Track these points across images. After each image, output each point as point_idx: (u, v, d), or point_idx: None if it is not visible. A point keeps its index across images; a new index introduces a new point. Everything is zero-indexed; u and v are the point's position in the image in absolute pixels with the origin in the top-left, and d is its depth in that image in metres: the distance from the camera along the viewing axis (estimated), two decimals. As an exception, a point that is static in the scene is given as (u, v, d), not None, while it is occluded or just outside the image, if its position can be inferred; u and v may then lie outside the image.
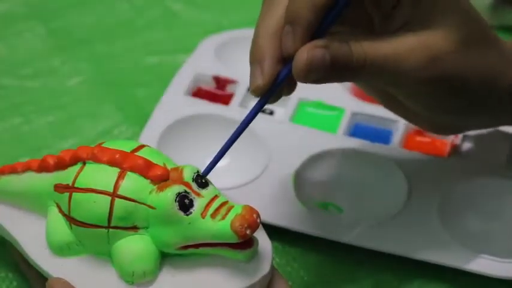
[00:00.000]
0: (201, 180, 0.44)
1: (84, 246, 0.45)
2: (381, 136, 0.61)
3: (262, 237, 0.45)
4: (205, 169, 0.45)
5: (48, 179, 0.47)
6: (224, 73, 0.65)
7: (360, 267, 0.54)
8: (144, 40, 0.73)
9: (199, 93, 0.65)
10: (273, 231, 0.55)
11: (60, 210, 0.45)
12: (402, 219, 0.55)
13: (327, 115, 0.62)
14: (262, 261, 0.44)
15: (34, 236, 0.47)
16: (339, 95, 0.64)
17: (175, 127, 0.60)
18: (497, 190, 0.56)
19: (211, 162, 0.45)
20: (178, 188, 0.42)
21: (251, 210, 0.42)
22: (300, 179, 0.57)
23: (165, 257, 0.44)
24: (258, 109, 0.46)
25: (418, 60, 0.45)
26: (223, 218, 0.42)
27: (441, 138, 0.60)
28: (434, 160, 0.58)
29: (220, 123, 0.61)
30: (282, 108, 0.63)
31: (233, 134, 0.46)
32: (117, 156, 0.44)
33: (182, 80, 0.64)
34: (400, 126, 0.61)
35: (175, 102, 0.63)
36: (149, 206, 0.43)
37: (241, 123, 0.46)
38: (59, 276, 0.45)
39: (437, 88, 0.46)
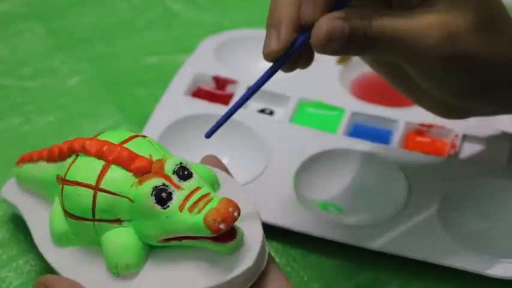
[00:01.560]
0: (183, 172, 0.43)
1: (79, 236, 0.46)
2: (381, 136, 0.61)
3: (254, 229, 0.44)
4: (209, 131, 0.45)
5: (53, 169, 0.48)
6: (224, 73, 0.65)
7: (360, 268, 0.54)
8: (144, 40, 0.73)
9: (199, 93, 0.65)
10: (273, 232, 0.55)
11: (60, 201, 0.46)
12: (402, 220, 0.55)
13: (327, 115, 0.62)
14: (247, 254, 0.43)
15: (43, 224, 0.48)
16: (339, 95, 0.64)
17: (175, 127, 0.61)
18: (497, 190, 0.56)
19: (215, 125, 0.45)
20: (156, 182, 0.42)
21: (227, 203, 0.42)
22: (300, 179, 0.57)
23: (151, 250, 0.44)
24: (269, 75, 0.45)
25: (437, 37, 0.45)
26: (199, 211, 0.42)
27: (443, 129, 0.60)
28: (434, 160, 0.58)
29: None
30: (282, 108, 0.63)
31: (240, 98, 0.45)
32: (104, 148, 0.44)
33: (182, 80, 0.65)
34: (400, 126, 0.61)
35: (175, 103, 0.63)
36: (129, 199, 0.43)
37: (250, 88, 0.46)
38: (57, 265, 0.46)
39: (453, 66, 0.46)
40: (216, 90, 0.65)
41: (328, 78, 0.65)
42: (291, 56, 0.44)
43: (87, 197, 0.44)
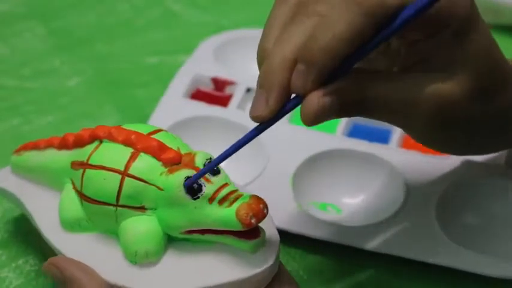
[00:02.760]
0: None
1: (93, 223, 0.46)
2: (380, 136, 0.61)
3: (271, 230, 0.45)
4: (188, 181, 0.43)
5: (66, 156, 0.48)
6: (223, 74, 0.65)
7: (359, 268, 0.54)
8: (144, 40, 0.73)
9: (197, 95, 0.65)
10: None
11: (74, 187, 0.46)
12: (401, 220, 0.55)
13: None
14: (267, 253, 0.44)
15: (48, 211, 0.48)
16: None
17: (174, 129, 0.60)
18: (496, 190, 0.56)
19: (194, 176, 0.43)
20: (187, 172, 0.43)
21: (258, 199, 0.42)
22: (298, 179, 0.57)
23: (170, 241, 0.45)
24: (252, 136, 0.43)
25: (429, 107, 0.43)
26: (230, 205, 0.42)
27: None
28: (433, 160, 0.58)
29: (218, 125, 0.61)
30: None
31: (222, 154, 0.44)
32: (132, 137, 0.44)
33: (181, 82, 0.65)
34: (399, 126, 0.61)
35: (174, 104, 0.63)
36: (158, 188, 0.43)
37: (232, 146, 0.44)
38: (67, 251, 0.46)
39: (444, 131, 0.46)
40: (214, 92, 0.65)
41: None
42: (277, 119, 0.43)
43: (113, 182, 0.44)
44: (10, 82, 0.69)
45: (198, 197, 0.42)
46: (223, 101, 0.64)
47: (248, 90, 0.64)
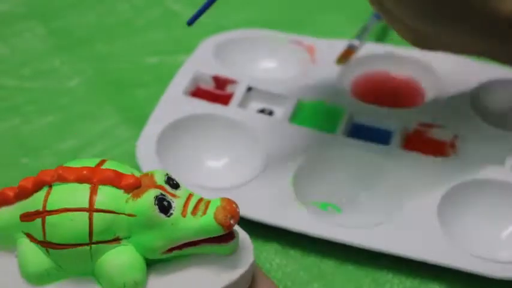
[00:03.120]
0: (173, 182, 0.43)
1: (64, 270, 0.44)
2: (380, 136, 0.61)
3: (238, 230, 0.45)
4: (191, 18, 0.43)
5: (11, 212, 0.45)
6: (224, 73, 0.65)
7: (359, 268, 0.54)
8: (144, 40, 0.73)
9: (198, 93, 0.65)
10: (273, 232, 0.55)
11: (32, 239, 0.44)
12: (401, 220, 0.55)
13: (327, 115, 0.62)
14: (245, 251, 0.44)
15: (6, 273, 0.46)
16: (339, 95, 0.64)
17: (175, 127, 0.60)
18: (496, 191, 0.56)
19: (198, 11, 0.43)
20: (154, 192, 0.42)
21: (230, 201, 0.42)
22: (299, 179, 0.57)
23: (148, 266, 0.44)
24: None
25: None
26: (204, 213, 0.42)
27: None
28: (433, 160, 0.58)
29: (219, 124, 0.61)
30: (281, 109, 0.63)
31: None
32: (84, 172, 0.43)
33: (182, 80, 0.65)
34: (399, 126, 0.61)
35: (174, 102, 0.63)
36: (129, 215, 0.42)
37: None
38: None
39: None
40: (215, 90, 0.65)
41: (327, 78, 0.65)
42: None
43: (81, 221, 0.42)
44: (10, 82, 0.69)
45: (172, 214, 0.42)
46: (224, 99, 0.64)
47: (249, 89, 0.64)
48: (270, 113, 0.64)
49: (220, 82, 0.65)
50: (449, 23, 0.50)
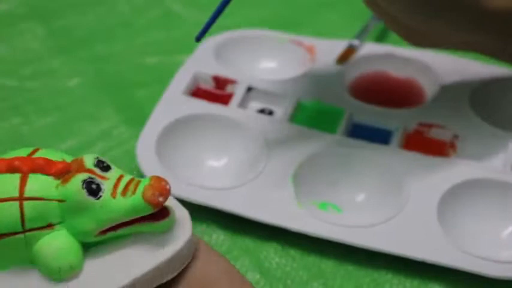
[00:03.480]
0: (103, 164, 0.44)
1: (3, 260, 0.44)
2: (380, 136, 0.61)
3: (177, 208, 0.45)
4: (199, 33, 0.44)
5: None
6: (224, 73, 0.65)
7: (359, 267, 0.54)
8: (143, 40, 0.73)
9: (198, 93, 0.65)
10: (273, 232, 0.55)
11: None
12: (401, 220, 0.54)
13: (327, 115, 0.62)
14: (183, 227, 0.44)
15: None
16: (339, 95, 0.64)
17: (175, 127, 0.60)
18: (496, 191, 0.56)
19: (205, 26, 0.44)
20: (82, 176, 0.43)
21: (159, 178, 0.43)
22: (299, 179, 0.57)
23: (85, 249, 0.44)
24: None
25: None
26: (133, 193, 0.42)
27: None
28: (433, 160, 0.58)
29: (219, 123, 0.61)
30: (281, 109, 0.63)
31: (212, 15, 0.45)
32: (15, 163, 0.44)
33: (181, 80, 0.65)
34: (399, 126, 0.61)
35: (174, 102, 0.63)
36: (59, 200, 0.43)
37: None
38: None
39: None
40: (215, 90, 0.65)
41: (327, 78, 0.65)
42: None
43: (12, 210, 0.43)
44: (10, 82, 0.69)
45: (101, 196, 0.43)
46: (224, 99, 0.64)
47: (249, 89, 0.64)
48: (270, 113, 0.64)
49: (220, 82, 0.65)
50: (441, 17, 0.51)
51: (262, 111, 0.64)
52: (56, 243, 0.43)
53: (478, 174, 0.57)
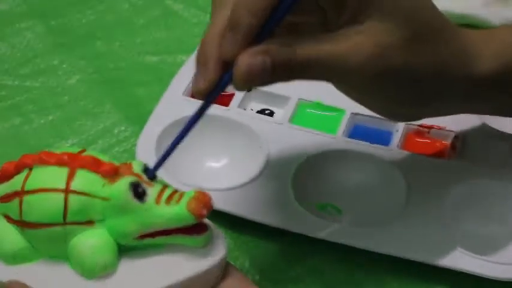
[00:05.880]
0: (149, 172, 0.45)
1: (38, 250, 0.45)
2: (381, 137, 0.61)
3: (213, 227, 0.46)
4: (153, 168, 0.45)
5: None
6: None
7: (359, 269, 0.54)
8: (144, 40, 0.73)
9: (198, 93, 0.65)
10: (272, 232, 0.55)
11: (9, 220, 0.45)
12: (402, 221, 0.55)
13: (327, 116, 0.62)
14: (217, 245, 0.45)
15: None
16: (339, 96, 0.63)
17: (174, 128, 0.60)
18: (497, 191, 0.56)
19: (156, 163, 0.45)
20: (130, 178, 0.43)
21: (203, 192, 0.44)
22: (298, 180, 0.57)
23: (121, 252, 0.45)
24: (201, 112, 0.45)
25: (364, 56, 0.44)
26: (177, 202, 0.43)
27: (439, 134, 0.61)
28: (433, 161, 0.58)
29: (219, 124, 0.61)
30: (281, 109, 0.63)
31: (176, 137, 0.46)
32: (65, 157, 0.44)
33: (181, 81, 0.64)
34: (399, 127, 0.61)
35: (174, 103, 0.63)
36: (103, 198, 0.43)
37: (184, 126, 0.46)
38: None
39: (386, 82, 0.46)
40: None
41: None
42: (218, 92, 0.44)
43: (57, 201, 0.43)
44: (10, 81, 0.69)
45: (146, 200, 0.43)
46: (224, 100, 0.63)
47: (249, 89, 0.64)
48: (270, 113, 0.64)
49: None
50: (417, 101, 0.49)
51: (262, 111, 0.64)
52: (94, 241, 0.44)
53: (478, 175, 0.57)
